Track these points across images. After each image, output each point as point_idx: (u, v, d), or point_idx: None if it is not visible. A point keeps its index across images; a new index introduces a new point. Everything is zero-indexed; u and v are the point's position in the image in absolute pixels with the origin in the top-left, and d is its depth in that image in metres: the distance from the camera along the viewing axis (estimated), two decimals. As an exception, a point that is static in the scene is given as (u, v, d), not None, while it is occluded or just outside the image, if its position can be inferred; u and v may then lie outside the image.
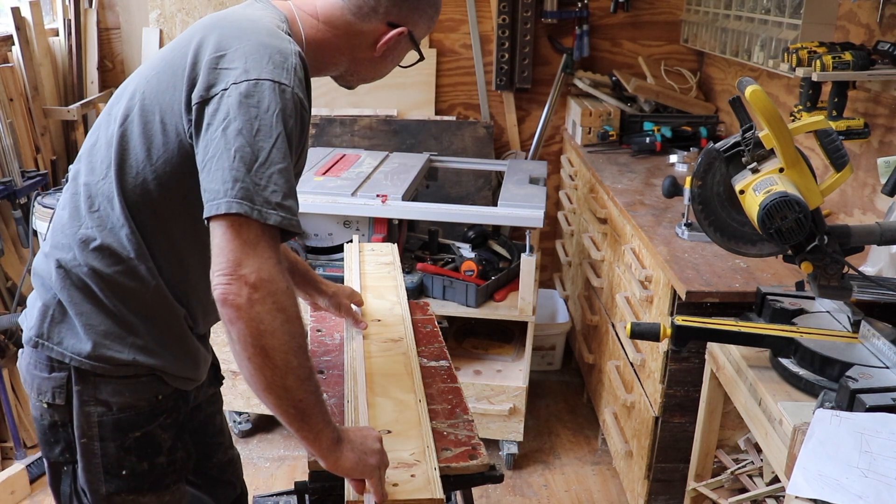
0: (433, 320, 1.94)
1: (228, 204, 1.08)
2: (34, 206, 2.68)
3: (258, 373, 1.09)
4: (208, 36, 1.20)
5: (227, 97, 1.13)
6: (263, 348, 1.08)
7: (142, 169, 1.24)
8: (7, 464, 2.65)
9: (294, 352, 1.10)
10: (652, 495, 2.25)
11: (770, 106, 1.45)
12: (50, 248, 1.33)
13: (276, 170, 1.12)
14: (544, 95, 3.64)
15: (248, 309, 1.07)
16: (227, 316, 1.08)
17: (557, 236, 3.79)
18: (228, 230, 1.09)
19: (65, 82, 3.37)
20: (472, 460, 1.38)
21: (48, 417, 1.34)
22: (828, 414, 1.30)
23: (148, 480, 1.36)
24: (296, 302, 1.13)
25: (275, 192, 1.11)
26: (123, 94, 1.30)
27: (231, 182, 1.09)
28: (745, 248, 1.62)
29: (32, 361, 1.33)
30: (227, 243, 1.08)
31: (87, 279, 1.28)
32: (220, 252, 1.08)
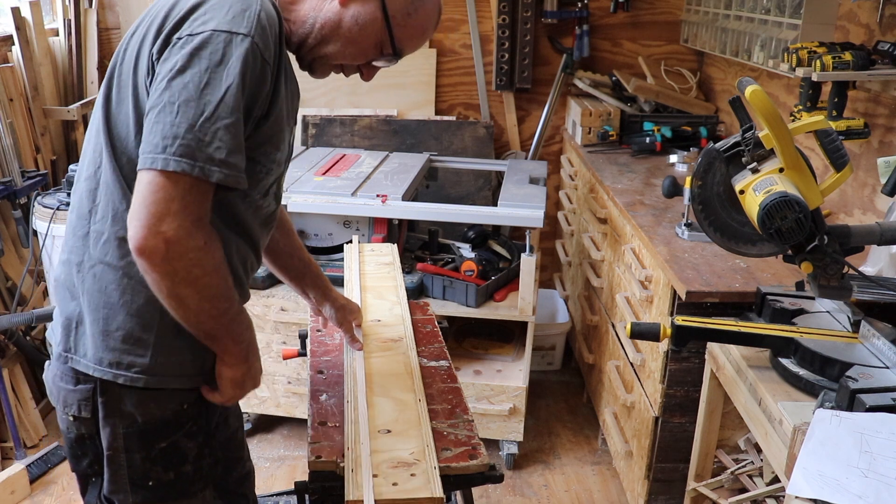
0: (433, 320, 1.94)
1: (166, 161, 1.07)
2: (34, 206, 2.68)
3: (173, 311, 1.17)
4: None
5: (178, 48, 1.11)
6: (177, 296, 1.14)
7: (132, 145, 1.20)
8: (7, 464, 2.65)
9: (208, 298, 1.16)
10: (652, 495, 2.25)
11: (770, 106, 1.45)
12: (66, 254, 1.32)
13: (221, 125, 1.09)
14: (544, 95, 3.64)
15: (163, 264, 1.09)
16: (141, 265, 1.11)
17: (557, 236, 3.79)
18: (156, 183, 1.07)
19: (65, 82, 3.37)
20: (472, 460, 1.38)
21: (74, 430, 1.33)
22: (828, 414, 1.30)
23: (175, 489, 1.36)
24: (216, 251, 1.16)
25: (219, 148, 1.09)
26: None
27: (171, 138, 1.07)
28: (745, 248, 1.62)
29: (59, 374, 1.32)
30: (152, 195, 1.07)
31: (101, 277, 1.25)
32: (143, 203, 1.08)
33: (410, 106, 3.66)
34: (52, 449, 2.76)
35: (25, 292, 2.84)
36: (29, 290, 2.87)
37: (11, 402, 2.67)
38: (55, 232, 2.60)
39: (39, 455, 2.72)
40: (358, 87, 3.63)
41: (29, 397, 2.82)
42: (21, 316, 2.60)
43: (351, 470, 1.30)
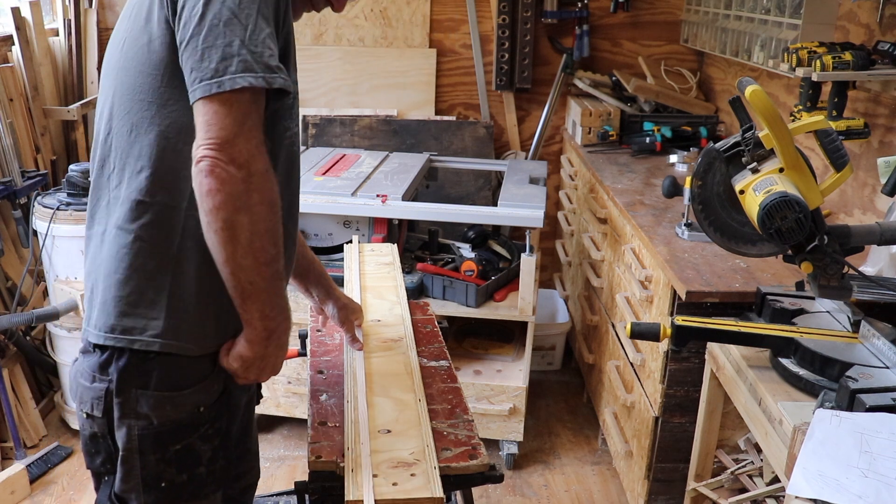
0: (433, 320, 1.94)
1: (232, 80, 1.07)
2: (34, 206, 2.68)
3: (221, 245, 1.12)
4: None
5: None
6: (233, 224, 1.10)
7: (154, 86, 1.19)
8: (7, 464, 2.65)
9: (260, 234, 1.12)
10: (652, 495, 2.25)
11: (770, 106, 1.45)
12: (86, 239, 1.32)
13: (265, 35, 1.10)
14: (544, 95, 3.64)
15: (231, 184, 1.08)
16: (206, 186, 1.08)
17: (557, 236, 3.79)
18: (224, 108, 1.07)
19: (65, 82, 3.37)
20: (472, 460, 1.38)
21: (88, 428, 1.32)
22: (828, 414, 1.30)
23: (187, 491, 1.34)
24: (275, 184, 1.13)
25: (272, 55, 1.10)
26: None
27: (229, 58, 1.07)
28: (745, 248, 1.62)
29: (80, 370, 1.32)
30: (222, 119, 1.07)
31: (115, 242, 1.24)
32: (210, 126, 1.07)
33: (410, 106, 3.66)
34: (52, 449, 2.76)
35: (25, 292, 2.84)
36: (29, 290, 2.87)
37: (11, 402, 2.67)
38: (55, 232, 2.60)
39: (39, 455, 2.72)
40: (358, 87, 3.64)
41: (29, 397, 2.82)
42: (21, 316, 2.60)
43: (351, 470, 1.30)
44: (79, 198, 2.63)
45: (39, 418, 2.87)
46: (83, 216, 2.58)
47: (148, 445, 1.29)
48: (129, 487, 1.32)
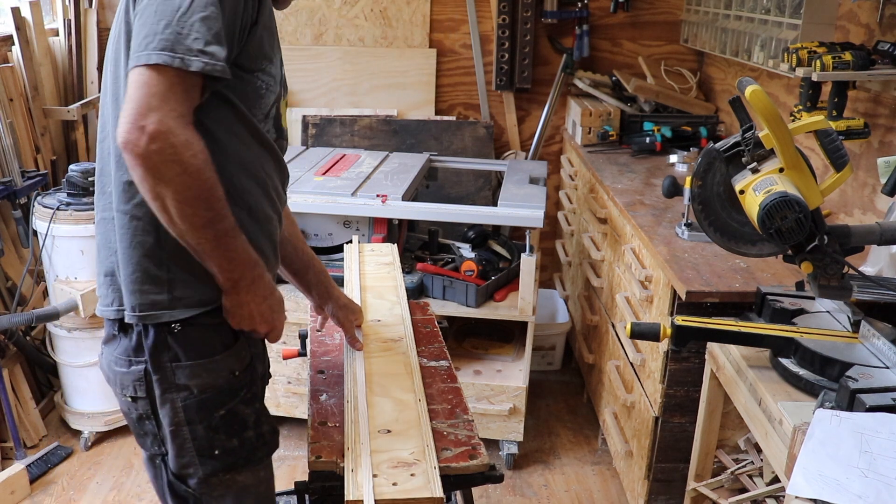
0: (433, 320, 1.94)
1: (148, 55, 1.11)
2: (34, 206, 2.68)
3: (157, 213, 1.19)
4: None
5: None
6: (158, 195, 1.15)
7: None
8: (7, 464, 2.65)
9: (188, 201, 1.16)
10: (652, 495, 2.25)
11: (770, 106, 1.45)
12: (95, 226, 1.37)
13: (197, 18, 1.13)
14: (544, 95, 3.64)
15: (145, 158, 1.11)
16: (127, 161, 1.14)
17: (557, 236, 3.79)
18: (140, 80, 1.11)
19: (65, 82, 3.37)
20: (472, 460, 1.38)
21: (134, 411, 1.37)
22: (828, 414, 1.30)
23: (241, 457, 1.40)
24: (199, 153, 1.15)
25: (196, 39, 1.12)
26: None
27: (151, 35, 1.12)
28: (745, 248, 1.62)
29: (113, 358, 1.36)
30: (137, 91, 1.11)
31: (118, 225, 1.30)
32: (128, 99, 1.12)
33: (410, 106, 3.66)
34: (52, 449, 2.76)
35: (25, 292, 2.84)
36: (29, 290, 2.87)
37: (11, 402, 2.67)
38: (55, 232, 2.60)
39: (39, 455, 2.72)
40: (358, 87, 3.64)
41: (29, 397, 2.82)
42: (21, 316, 2.60)
43: (351, 470, 1.30)
44: (79, 198, 2.63)
45: (39, 418, 2.87)
46: (83, 216, 2.59)
47: (193, 415, 1.33)
48: (185, 462, 1.36)
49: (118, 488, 2.63)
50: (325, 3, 3.55)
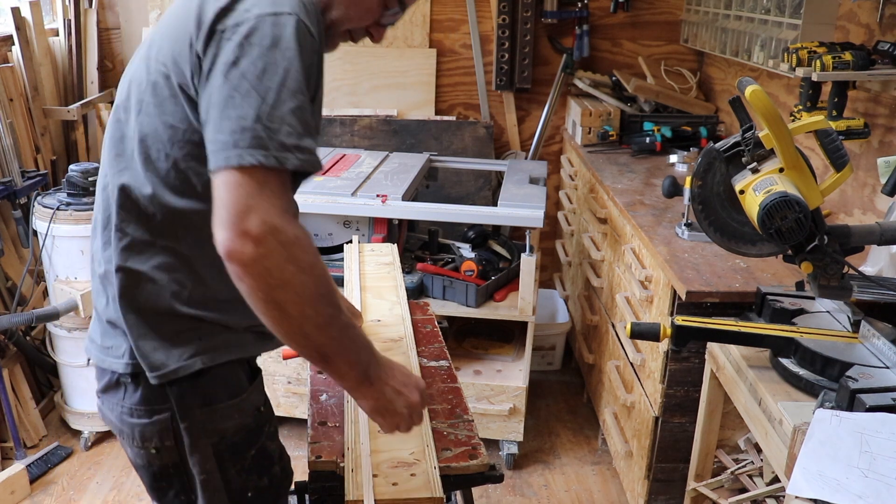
0: (433, 320, 1.94)
1: (239, 155, 1.01)
2: (34, 207, 2.68)
3: (275, 324, 1.06)
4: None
5: (226, 40, 1.05)
6: (276, 302, 1.03)
7: (174, 148, 1.15)
8: (7, 464, 2.65)
9: (309, 301, 1.05)
10: (652, 495, 2.25)
11: (770, 106, 1.45)
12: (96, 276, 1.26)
13: (287, 110, 1.04)
14: (544, 95, 3.64)
15: (255, 265, 1.00)
16: (233, 272, 1.02)
17: (557, 236, 3.79)
18: (233, 181, 1.01)
19: (65, 82, 3.37)
20: (472, 460, 1.38)
21: (157, 462, 1.26)
22: (828, 414, 1.30)
23: (272, 494, 1.35)
24: (309, 247, 1.05)
25: (289, 133, 1.03)
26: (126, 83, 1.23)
27: (240, 131, 1.01)
28: (745, 248, 1.62)
29: (125, 410, 1.24)
30: (230, 194, 1.00)
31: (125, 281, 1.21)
32: (223, 205, 1.01)
33: (410, 106, 3.66)
34: (52, 449, 2.76)
35: (25, 292, 2.84)
36: (29, 290, 2.87)
37: (11, 402, 2.67)
38: (55, 232, 2.60)
39: (39, 455, 2.72)
40: (358, 87, 3.63)
41: (29, 397, 2.82)
42: (21, 316, 2.60)
43: (351, 470, 1.30)
44: (79, 198, 2.63)
45: (39, 418, 2.87)
46: (83, 216, 2.59)
47: (227, 459, 1.26)
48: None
49: (118, 488, 2.63)
50: (325, 3, 3.55)
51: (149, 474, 1.29)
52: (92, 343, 1.29)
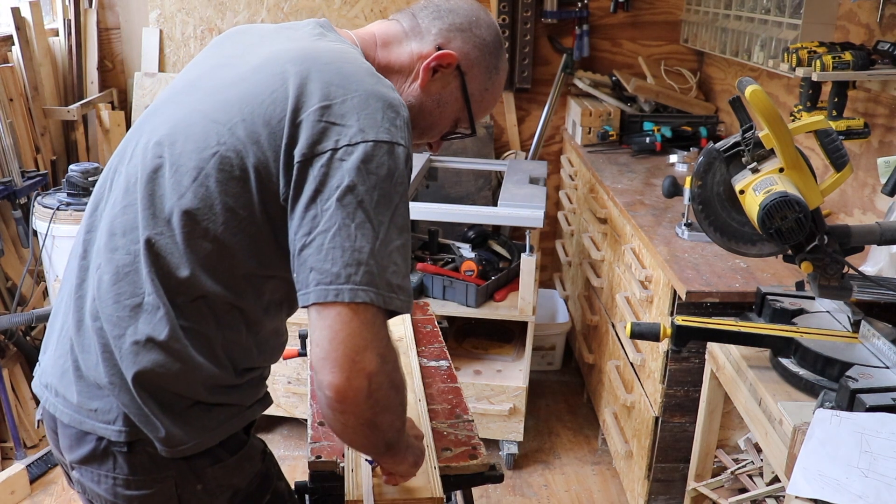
0: (433, 320, 1.94)
1: (353, 292, 0.97)
2: (34, 207, 2.68)
3: (364, 441, 1.08)
4: (308, 80, 1.05)
5: (339, 160, 1.00)
6: (376, 425, 1.03)
7: (216, 231, 1.06)
8: (7, 464, 2.65)
9: (401, 415, 1.08)
10: (652, 495, 2.25)
11: (770, 106, 1.45)
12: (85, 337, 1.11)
13: (395, 247, 1.00)
14: (544, 95, 3.64)
15: (368, 398, 0.99)
16: (341, 408, 0.99)
17: (557, 236, 3.79)
18: (346, 318, 0.97)
19: (65, 82, 3.37)
20: (472, 460, 1.38)
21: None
22: (828, 414, 1.30)
23: None
24: (401, 369, 1.06)
25: (395, 272, 1.00)
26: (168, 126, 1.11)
27: (355, 265, 0.97)
28: (745, 248, 1.62)
29: (119, 482, 1.11)
30: (344, 331, 0.97)
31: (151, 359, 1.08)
32: (335, 342, 0.97)
33: (410, 106, 3.65)
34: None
35: (25, 292, 2.84)
36: (29, 290, 2.87)
37: (11, 402, 2.67)
38: (55, 232, 2.60)
39: (39, 455, 2.72)
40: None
41: (29, 397, 2.82)
42: (21, 316, 2.60)
43: (351, 470, 1.30)
44: (79, 198, 2.63)
45: (39, 418, 2.87)
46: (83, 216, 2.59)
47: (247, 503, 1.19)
48: None
49: (118, 488, 2.63)
50: (325, 2, 3.55)
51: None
52: (63, 401, 1.12)
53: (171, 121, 1.12)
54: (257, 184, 1.04)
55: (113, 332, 1.08)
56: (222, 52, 1.22)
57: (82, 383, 1.11)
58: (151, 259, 1.06)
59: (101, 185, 1.19)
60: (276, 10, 3.49)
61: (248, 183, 1.04)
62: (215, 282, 1.07)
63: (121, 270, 1.08)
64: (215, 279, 1.07)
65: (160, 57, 3.57)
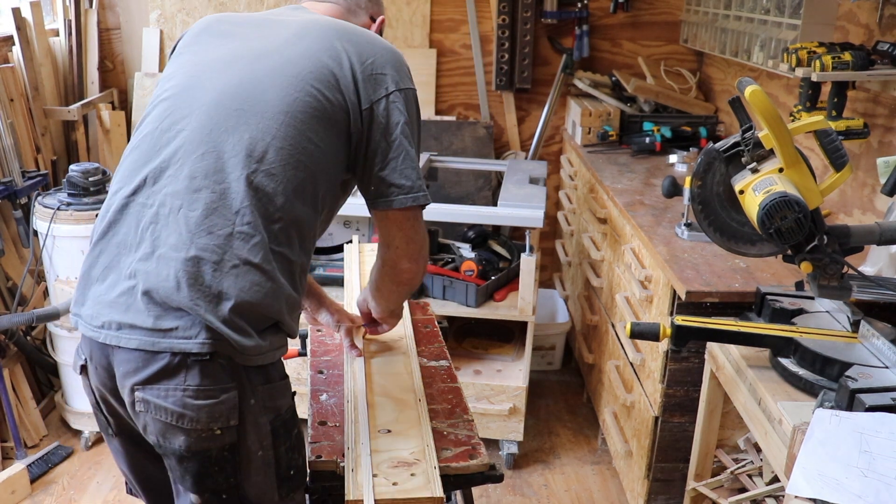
0: (433, 320, 1.95)
1: (415, 198, 1.39)
2: (34, 207, 2.68)
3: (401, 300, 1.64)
4: (349, 42, 1.39)
5: (392, 103, 1.38)
6: (412, 290, 1.58)
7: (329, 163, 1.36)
8: (7, 463, 2.65)
9: (415, 284, 1.56)
10: (652, 495, 2.25)
11: (770, 106, 1.45)
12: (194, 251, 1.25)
13: (419, 163, 1.42)
14: (544, 95, 3.64)
15: (422, 270, 1.50)
16: (408, 282, 1.52)
17: (557, 236, 3.79)
18: (414, 218, 1.42)
19: (65, 82, 3.38)
20: (471, 460, 1.38)
21: (216, 445, 1.27)
22: (827, 414, 1.30)
23: (302, 473, 1.39)
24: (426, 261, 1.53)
25: (420, 180, 1.41)
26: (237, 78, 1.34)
27: (414, 180, 1.38)
28: (745, 248, 1.62)
29: (189, 392, 1.24)
30: (413, 228, 1.43)
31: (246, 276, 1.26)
32: (410, 236, 1.44)
33: (410, 106, 3.65)
34: (53, 449, 2.77)
35: (26, 292, 2.85)
36: (29, 290, 2.87)
37: (12, 401, 2.67)
38: (55, 232, 2.60)
39: (40, 455, 2.72)
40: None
41: (29, 397, 2.83)
42: (21, 316, 2.61)
43: (351, 470, 1.31)
44: (79, 198, 2.63)
45: (40, 418, 2.87)
46: (83, 216, 2.59)
47: (280, 436, 1.33)
48: (266, 488, 1.33)
49: (118, 488, 2.63)
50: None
51: (201, 461, 1.28)
52: (129, 330, 1.25)
53: (233, 82, 1.33)
54: (333, 121, 1.34)
55: (211, 258, 1.24)
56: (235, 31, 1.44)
57: (158, 308, 1.24)
58: (250, 192, 1.26)
59: (146, 149, 1.33)
60: (277, 10, 3.49)
61: (326, 121, 1.33)
62: (303, 204, 1.32)
63: (210, 206, 1.26)
64: (304, 203, 1.32)
65: (160, 57, 3.57)
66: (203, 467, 1.28)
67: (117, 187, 1.34)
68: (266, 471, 1.32)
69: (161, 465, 1.36)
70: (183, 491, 1.32)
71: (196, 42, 1.45)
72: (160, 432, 1.27)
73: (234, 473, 1.30)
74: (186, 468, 1.29)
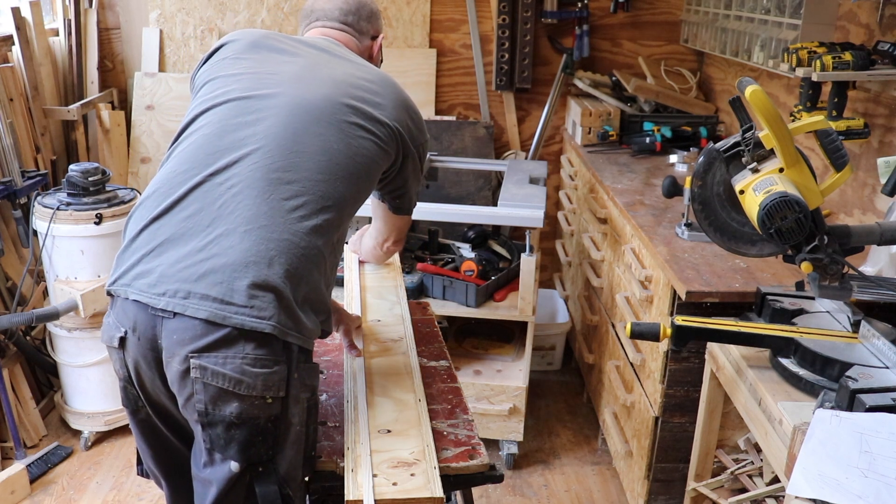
0: (433, 320, 1.95)
1: (409, 210, 1.77)
2: (34, 206, 2.68)
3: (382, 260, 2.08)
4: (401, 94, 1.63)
5: (422, 147, 1.65)
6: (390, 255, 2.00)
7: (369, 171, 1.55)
8: (7, 463, 2.65)
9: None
10: (652, 495, 2.25)
11: (770, 106, 1.45)
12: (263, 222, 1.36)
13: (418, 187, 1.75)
14: (544, 95, 3.64)
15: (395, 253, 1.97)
16: (388, 256, 1.98)
17: (557, 236, 3.79)
18: (405, 221, 1.81)
19: (65, 82, 3.38)
20: (471, 460, 1.38)
21: (265, 414, 1.33)
22: (828, 414, 1.30)
23: (313, 462, 1.44)
24: None
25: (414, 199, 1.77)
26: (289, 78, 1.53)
27: (413, 197, 1.75)
28: (745, 248, 1.62)
29: (248, 360, 1.31)
30: (402, 227, 1.83)
31: (305, 255, 1.38)
32: (397, 230, 1.83)
33: (410, 106, 3.65)
34: (52, 449, 2.76)
35: (25, 292, 2.84)
36: (29, 290, 2.87)
37: (11, 401, 2.67)
38: (55, 232, 2.60)
39: (39, 455, 2.72)
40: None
41: (29, 397, 2.82)
42: (21, 316, 2.60)
43: (351, 470, 1.31)
44: (79, 198, 2.63)
45: (39, 418, 2.87)
46: (83, 216, 2.59)
47: (312, 415, 1.41)
48: (296, 464, 1.39)
49: (118, 488, 2.63)
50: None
51: (249, 429, 1.33)
52: (198, 300, 1.31)
53: (309, 95, 1.49)
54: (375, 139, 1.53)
55: (300, 244, 1.37)
56: (297, 49, 1.62)
57: (238, 282, 1.32)
58: (331, 193, 1.44)
59: (223, 135, 1.45)
60: (276, 10, 3.49)
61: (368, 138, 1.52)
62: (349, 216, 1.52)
63: (299, 197, 1.40)
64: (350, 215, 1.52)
65: (160, 57, 3.57)
66: (250, 435, 1.33)
67: (185, 167, 1.42)
68: (298, 447, 1.38)
69: (184, 441, 1.45)
70: (220, 459, 1.35)
71: (254, 51, 1.60)
72: (212, 399, 1.31)
73: (274, 445, 1.35)
74: (233, 436, 1.33)
